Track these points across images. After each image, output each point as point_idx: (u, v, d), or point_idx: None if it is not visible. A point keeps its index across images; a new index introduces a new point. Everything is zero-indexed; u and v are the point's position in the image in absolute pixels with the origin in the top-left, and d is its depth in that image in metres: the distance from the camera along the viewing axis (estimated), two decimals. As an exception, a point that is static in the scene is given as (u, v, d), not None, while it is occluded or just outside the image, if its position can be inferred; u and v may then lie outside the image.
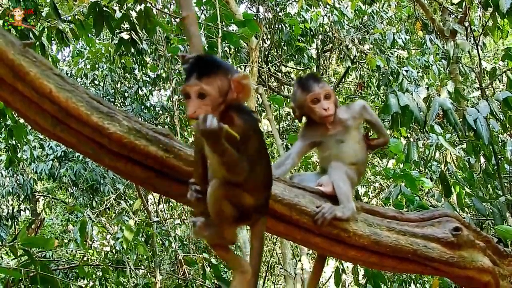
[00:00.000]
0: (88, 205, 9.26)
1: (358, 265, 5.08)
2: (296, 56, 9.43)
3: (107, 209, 8.98)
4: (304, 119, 2.29)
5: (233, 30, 4.82)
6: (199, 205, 1.73)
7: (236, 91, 1.60)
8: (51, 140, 9.04)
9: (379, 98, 9.75)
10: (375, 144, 2.29)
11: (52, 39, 5.46)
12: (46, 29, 5.23)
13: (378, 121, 2.31)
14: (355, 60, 9.51)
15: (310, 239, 1.99)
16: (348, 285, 10.84)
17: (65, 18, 5.95)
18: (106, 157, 1.83)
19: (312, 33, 9.02)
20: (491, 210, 4.55)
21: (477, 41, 6.58)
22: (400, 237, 2.03)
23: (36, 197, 11.46)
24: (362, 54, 9.26)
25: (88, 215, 6.44)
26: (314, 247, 2.09)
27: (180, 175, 1.85)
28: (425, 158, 5.02)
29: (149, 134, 1.82)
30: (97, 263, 7.01)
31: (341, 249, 2.02)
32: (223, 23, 4.42)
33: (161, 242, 8.27)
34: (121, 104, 9.81)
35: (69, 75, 9.28)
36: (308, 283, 2.39)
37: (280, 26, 9.05)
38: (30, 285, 4.22)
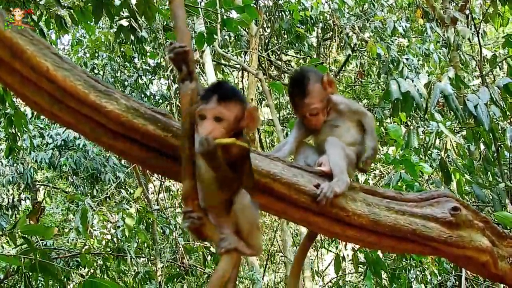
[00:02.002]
0: (89, 194, 9.25)
1: (357, 250, 5.10)
2: (297, 44, 9.41)
3: (107, 198, 8.98)
4: None
5: (233, 18, 4.79)
6: (201, 231, 1.75)
7: (247, 120, 1.73)
8: (51, 128, 9.04)
9: (380, 86, 9.75)
10: (364, 162, 2.20)
11: (51, 25, 5.43)
12: (45, 15, 5.19)
13: (372, 130, 2.23)
14: (355, 48, 9.50)
15: (309, 218, 1.98)
16: (348, 272, 10.89)
17: (65, 5, 5.91)
18: (105, 136, 1.81)
19: (312, 21, 8.99)
20: (490, 197, 4.57)
21: (477, 29, 6.56)
22: (399, 217, 2.03)
23: (36, 187, 11.45)
24: (363, 42, 9.24)
25: (89, 204, 6.44)
26: (313, 226, 2.08)
27: (178, 154, 1.84)
28: (425, 145, 5.03)
29: (147, 113, 1.80)
30: (98, 251, 7.02)
31: (340, 229, 2.02)
32: (223, 9, 4.40)
33: (161, 231, 8.28)
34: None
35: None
36: (294, 261, 2.38)
37: (280, 14, 9.02)
38: (30, 273, 4.21)
